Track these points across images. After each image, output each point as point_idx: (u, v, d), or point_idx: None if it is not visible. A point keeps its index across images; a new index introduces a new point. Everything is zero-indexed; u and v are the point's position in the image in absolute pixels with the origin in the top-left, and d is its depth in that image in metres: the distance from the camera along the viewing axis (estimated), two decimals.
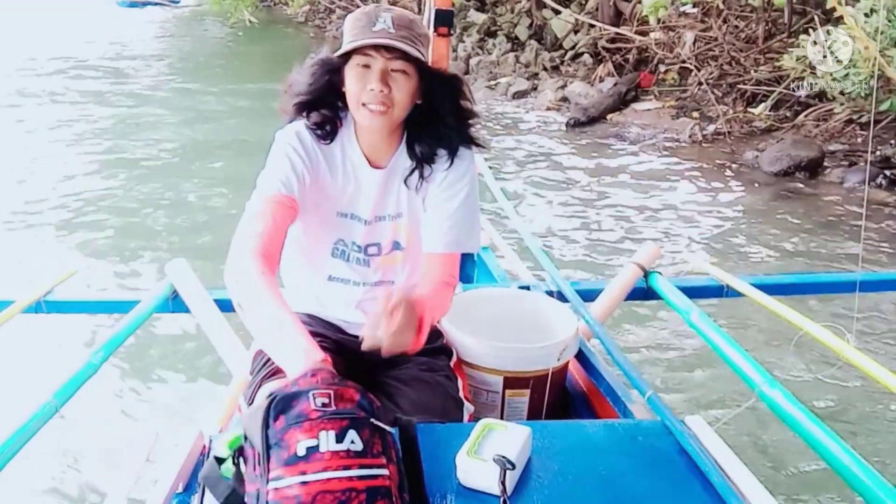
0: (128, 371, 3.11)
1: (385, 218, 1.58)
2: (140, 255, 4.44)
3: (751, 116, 7.43)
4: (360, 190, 1.57)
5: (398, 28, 1.44)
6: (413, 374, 1.58)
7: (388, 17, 1.44)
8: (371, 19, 1.44)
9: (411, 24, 1.47)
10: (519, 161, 6.76)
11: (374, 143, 1.56)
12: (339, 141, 1.57)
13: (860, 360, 1.68)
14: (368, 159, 1.56)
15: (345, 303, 1.65)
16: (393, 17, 1.45)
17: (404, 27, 1.45)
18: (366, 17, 1.45)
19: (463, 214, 1.58)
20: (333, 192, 1.57)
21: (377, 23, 1.43)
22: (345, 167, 1.57)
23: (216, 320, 2.09)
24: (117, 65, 11.31)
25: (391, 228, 1.59)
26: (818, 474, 2.53)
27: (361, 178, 1.57)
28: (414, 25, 1.47)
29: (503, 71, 9.92)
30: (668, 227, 5.11)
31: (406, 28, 1.45)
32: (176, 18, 17.77)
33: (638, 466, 1.32)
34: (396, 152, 1.57)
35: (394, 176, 1.58)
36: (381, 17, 1.44)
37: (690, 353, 3.32)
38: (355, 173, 1.57)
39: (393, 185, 1.58)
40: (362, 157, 1.56)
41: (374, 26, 1.43)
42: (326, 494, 1.03)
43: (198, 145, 6.96)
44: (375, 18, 1.44)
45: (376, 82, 1.44)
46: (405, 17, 1.47)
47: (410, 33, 1.45)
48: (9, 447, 1.36)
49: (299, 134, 1.55)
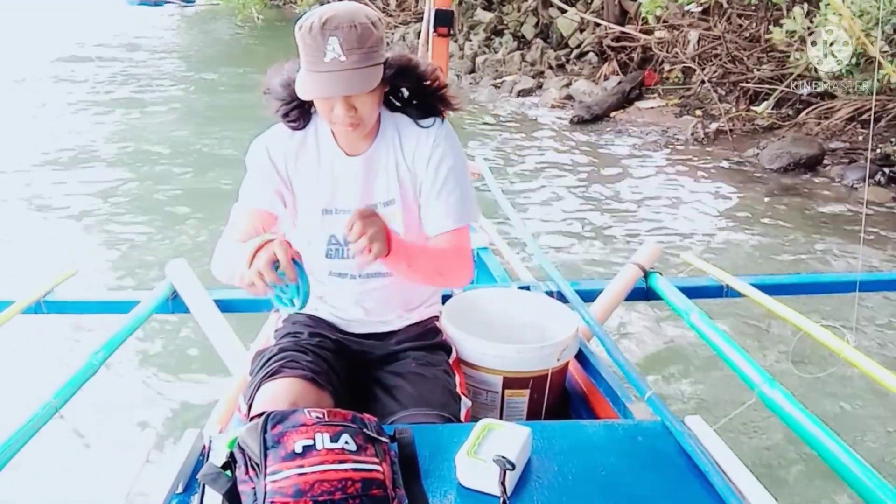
0: (127, 371, 3.11)
1: (376, 205, 1.58)
2: (140, 254, 4.44)
3: (753, 115, 7.44)
4: (339, 182, 1.58)
5: (349, 52, 1.35)
6: (411, 369, 1.59)
7: (336, 42, 1.34)
8: (320, 47, 1.35)
9: (360, 38, 1.36)
10: (521, 158, 6.76)
11: (350, 136, 1.54)
12: (314, 137, 1.58)
13: (860, 360, 1.67)
14: (344, 150, 1.57)
15: (345, 298, 1.66)
16: (341, 40, 1.34)
17: (354, 48, 1.35)
18: (314, 44, 1.36)
19: (453, 188, 1.57)
20: (314, 191, 1.58)
21: (326, 51, 1.35)
22: (321, 162, 1.58)
23: (216, 320, 2.09)
24: (119, 64, 11.32)
25: (383, 215, 1.59)
26: (818, 474, 2.52)
27: (339, 170, 1.57)
28: (363, 38, 1.37)
29: (509, 69, 9.96)
30: (668, 226, 5.12)
31: (356, 48, 1.36)
32: (183, 17, 17.81)
33: (638, 466, 1.32)
34: (375, 140, 1.57)
35: (377, 162, 1.57)
36: (329, 43, 1.34)
37: (690, 353, 3.32)
38: (332, 166, 1.57)
39: (379, 172, 1.58)
40: (338, 149, 1.57)
41: (325, 56, 1.35)
42: (323, 483, 1.06)
43: (199, 145, 6.96)
44: (325, 47, 1.35)
45: (341, 109, 1.42)
46: (353, 35, 1.35)
47: (362, 52, 1.37)
48: (9, 447, 1.36)
49: (270, 149, 1.57)
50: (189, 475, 1.24)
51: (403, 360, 1.62)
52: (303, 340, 1.61)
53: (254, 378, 1.53)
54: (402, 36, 12.08)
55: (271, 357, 1.55)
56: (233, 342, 2.02)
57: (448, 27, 2.35)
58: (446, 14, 2.35)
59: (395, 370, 1.61)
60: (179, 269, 2.23)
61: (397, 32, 12.27)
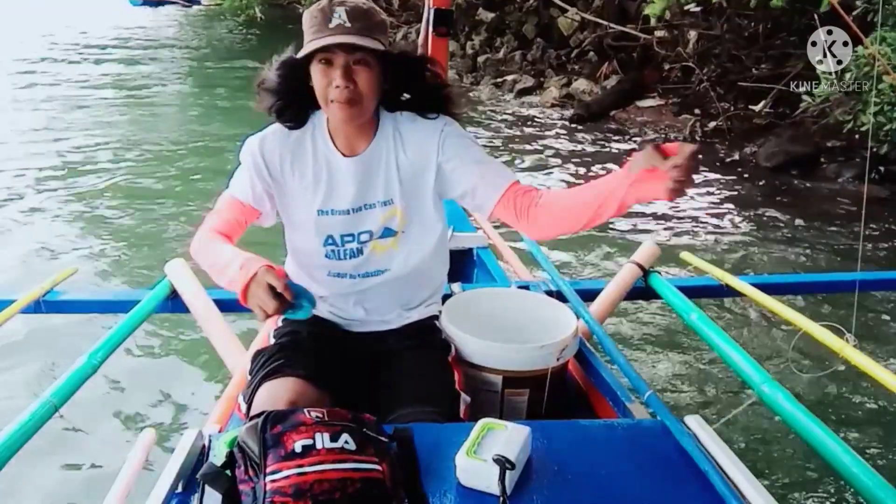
0: (127, 370, 3.11)
1: (373, 205, 1.59)
2: (140, 254, 4.44)
3: (751, 113, 7.45)
4: (334, 182, 1.58)
5: (353, 21, 1.42)
6: (410, 366, 1.59)
7: (343, 10, 1.42)
8: (326, 15, 1.42)
9: (366, 14, 1.44)
10: (520, 157, 6.77)
11: (347, 135, 1.56)
12: (309, 137, 1.58)
13: (860, 359, 1.67)
14: (342, 151, 1.57)
15: (344, 298, 1.67)
16: (347, 9, 1.42)
17: (360, 18, 1.43)
18: (321, 14, 1.43)
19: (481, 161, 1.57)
20: (310, 191, 1.58)
21: (332, 18, 1.41)
22: (317, 162, 1.58)
23: (215, 320, 2.09)
24: (120, 64, 11.32)
25: (380, 215, 1.60)
26: (818, 474, 2.53)
27: (335, 170, 1.57)
28: (369, 15, 1.45)
29: (510, 69, 9.99)
30: (667, 225, 5.12)
31: (362, 19, 1.43)
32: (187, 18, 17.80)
33: (637, 466, 1.32)
34: (373, 140, 1.57)
35: (375, 162, 1.57)
36: (336, 11, 1.42)
37: (690, 352, 3.32)
38: (328, 166, 1.58)
39: (376, 172, 1.58)
40: (335, 150, 1.57)
41: (330, 22, 1.41)
42: (323, 482, 1.06)
43: (200, 145, 6.95)
44: (331, 13, 1.42)
45: (340, 79, 1.43)
46: (359, 9, 1.44)
47: (367, 23, 1.43)
48: (8, 446, 1.36)
49: (263, 148, 1.57)
50: (189, 475, 1.24)
51: (402, 359, 1.62)
52: (302, 340, 1.61)
53: (253, 377, 1.53)
54: (404, 35, 12.09)
55: (271, 356, 1.55)
56: (232, 341, 2.02)
57: (447, 26, 2.34)
58: (446, 13, 2.34)
59: (393, 368, 1.61)
60: (178, 268, 2.22)
61: (400, 32, 12.28)
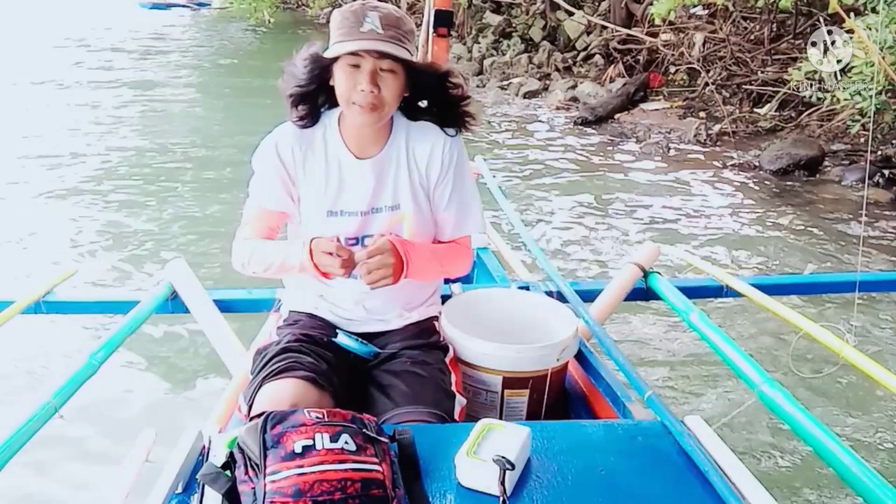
0: (127, 371, 3.11)
1: (381, 209, 1.60)
2: (140, 254, 4.44)
3: (756, 116, 7.45)
4: (345, 184, 1.59)
5: (386, 28, 1.44)
6: (406, 367, 1.59)
7: (376, 16, 1.43)
8: (359, 19, 1.44)
9: (398, 22, 1.47)
10: (524, 159, 6.77)
11: (360, 137, 1.58)
12: (321, 138, 1.59)
13: (860, 360, 1.67)
14: (354, 153, 1.58)
15: (346, 297, 1.67)
16: (380, 16, 1.44)
17: (392, 26, 1.44)
18: (353, 17, 1.45)
19: (470, 199, 1.66)
20: (321, 192, 1.59)
21: (365, 23, 1.43)
22: (328, 163, 1.58)
23: (215, 320, 2.09)
24: (124, 61, 11.34)
25: (388, 219, 1.61)
26: (817, 474, 2.52)
27: (346, 172, 1.59)
28: (401, 23, 1.47)
29: (516, 71, 10.00)
30: (668, 226, 5.12)
31: (394, 27, 1.45)
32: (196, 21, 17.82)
33: (637, 466, 1.32)
34: (386, 144, 1.59)
35: (386, 166, 1.59)
36: (369, 16, 1.44)
37: (690, 353, 3.32)
38: (339, 168, 1.59)
39: (387, 176, 1.59)
40: (346, 151, 1.58)
41: (363, 27, 1.43)
42: (323, 483, 1.06)
43: (204, 147, 6.96)
44: (363, 18, 1.43)
45: (366, 83, 1.45)
46: (392, 16, 1.46)
47: (398, 32, 1.45)
48: (8, 447, 1.36)
49: (279, 146, 1.58)
50: (189, 475, 1.24)
51: (399, 359, 1.62)
52: (304, 340, 1.61)
53: (255, 378, 1.53)
54: None
55: (273, 357, 1.55)
56: (232, 342, 2.02)
57: (448, 27, 2.35)
58: (446, 14, 2.35)
59: (390, 369, 1.61)
60: (179, 269, 2.22)
61: None
